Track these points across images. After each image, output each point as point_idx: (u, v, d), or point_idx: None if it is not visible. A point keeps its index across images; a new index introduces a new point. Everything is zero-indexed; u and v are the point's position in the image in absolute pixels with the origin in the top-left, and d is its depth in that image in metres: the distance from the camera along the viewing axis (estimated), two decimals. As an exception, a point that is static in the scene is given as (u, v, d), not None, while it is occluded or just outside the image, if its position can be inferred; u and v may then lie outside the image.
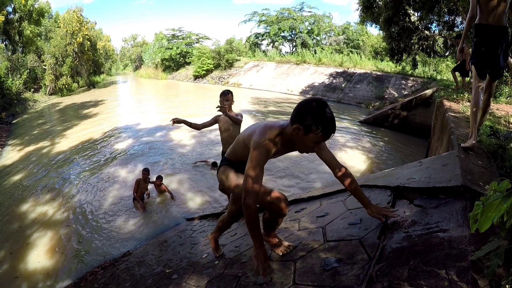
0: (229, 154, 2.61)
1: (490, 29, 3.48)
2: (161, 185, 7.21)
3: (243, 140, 2.37)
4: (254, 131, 2.23)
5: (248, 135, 2.29)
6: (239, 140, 2.48)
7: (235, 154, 2.54)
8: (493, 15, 3.42)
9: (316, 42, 35.40)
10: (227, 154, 2.63)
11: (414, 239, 1.93)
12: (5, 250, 5.78)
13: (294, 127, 2.02)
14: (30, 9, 22.80)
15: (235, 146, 2.54)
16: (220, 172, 2.62)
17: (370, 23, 17.96)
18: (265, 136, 2.12)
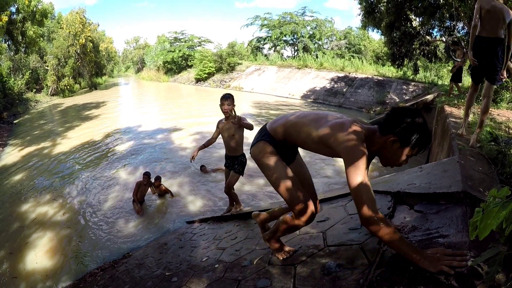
0: (274, 130, 2.29)
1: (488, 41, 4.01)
2: (160, 185, 7.22)
3: (309, 128, 2.08)
4: (334, 124, 1.96)
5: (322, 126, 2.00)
6: (298, 123, 2.17)
7: (287, 134, 2.23)
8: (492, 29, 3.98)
9: (317, 47, 35.47)
10: (270, 128, 2.32)
11: (414, 245, 1.94)
12: (5, 250, 5.79)
13: (391, 139, 1.85)
14: (33, 9, 22.91)
15: (288, 126, 2.21)
16: (259, 152, 2.30)
17: (372, 28, 18.00)
18: (359, 137, 1.86)
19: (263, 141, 2.30)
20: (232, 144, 4.79)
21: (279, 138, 2.27)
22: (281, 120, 2.30)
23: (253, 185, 7.65)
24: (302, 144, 2.21)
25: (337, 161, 9.26)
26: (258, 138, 2.36)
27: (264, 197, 7.13)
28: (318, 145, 2.07)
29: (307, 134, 2.10)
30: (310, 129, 2.08)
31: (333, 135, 1.91)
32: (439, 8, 14.10)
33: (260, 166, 2.32)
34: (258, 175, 8.19)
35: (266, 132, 2.33)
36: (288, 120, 2.25)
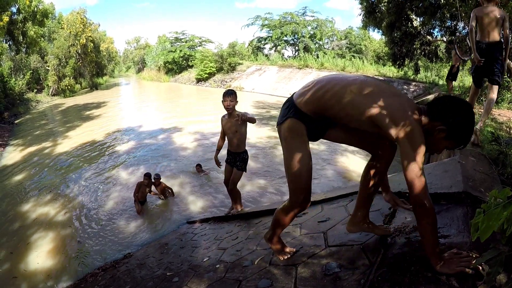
0: (305, 103, 2.00)
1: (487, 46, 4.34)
2: (160, 184, 7.21)
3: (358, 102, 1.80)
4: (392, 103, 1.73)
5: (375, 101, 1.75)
6: (339, 94, 1.86)
7: (324, 107, 1.94)
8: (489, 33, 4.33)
9: (318, 47, 35.46)
10: (299, 102, 2.02)
11: (415, 245, 1.94)
12: (6, 250, 5.79)
13: (439, 127, 1.71)
14: (34, 10, 22.95)
15: (327, 98, 1.90)
16: (288, 131, 2.07)
17: (373, 28, 18.03)
18: (418, 121, 1.70)
19: (293, 118, 2.04)
20: (235, 140, 4.80)
21: (312, 113, 2.00)
22: (313, 91, 1.97)
23: (254, 185, 7.65)
24: (342, 118, 1.92)
25: (338, 162, 9.27)
26: (285, 114, 2.08)
27: (265, 197, 7.13)
28: (365, 123, 1.82)
29: (354, 109, 1.82)
30: (360, 104, 1.79)
31: (391, 116, 1.69)
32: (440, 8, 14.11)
33: (284, 146, 2.12)
34: (259, 175, 8.20)
35: (295, 107, 2.04)
36: (325, 91, 1.92)
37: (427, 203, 1.61)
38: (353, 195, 3.36)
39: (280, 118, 2.13)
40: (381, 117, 1.71)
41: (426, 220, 1.63)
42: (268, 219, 4.06)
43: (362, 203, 2.21)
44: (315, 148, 10.40)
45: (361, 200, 2.21)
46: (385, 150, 2.05)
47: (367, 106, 1.75)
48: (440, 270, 1.58)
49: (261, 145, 10.57)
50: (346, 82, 1.87)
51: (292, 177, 2.09)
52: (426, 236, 1.66)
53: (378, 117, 1.72)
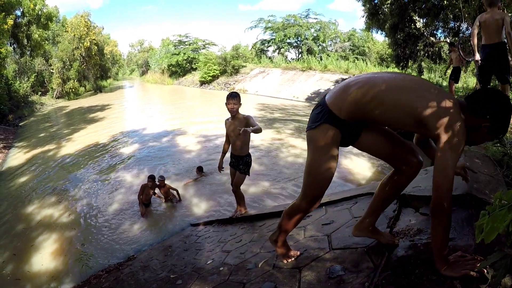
0: (341, 108, 1.86)
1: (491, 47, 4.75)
2: (164, 186, 7.20)
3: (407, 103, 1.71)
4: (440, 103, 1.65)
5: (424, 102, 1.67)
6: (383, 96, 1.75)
7: (363, 110, 1.82)
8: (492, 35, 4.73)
9: (321, 49, 35.43)
10: (333, 105, 1.88)
11: (419, 248, 1.93)
12: (9, 251, 5.82)
13: (484, 124, 1.66)
14: (38, 13, 23.10)
15: (367, 101, 1.79)
16: (320, 137, 1.95)
17: (376, 29, 18.02)
18: (462, 121, 1.63)
19: (326, 124, 1.90)
20: (238, 143, 4.80)
21: (348, 117, 1.87)
22: (351, 93, 1.84)
23: (258, 188, 7.64)
24: (383, 121, 1.85)
25: (342, 164, 9.24)
26: (318, 119, 1.94)
27: (269, 200, 7.12)
28: (410, 123, 1.75)
29: (398, 110, 1.74)
30: (404, 104, 1.72)
31: (437, 115, 1.63)
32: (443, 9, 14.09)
33: (312, 150, 2.02)
34: (263, 177, 8.19)
35: (329, 112, 1.89)
36: (364, 93, 1.80)
37: (446, 205, 1.59)
38: (357, 198, 3.35)
39: (311, 123, 2.00)
40: (428, 115, 1.65)
41: (440, 222, 1.62)
42: (272, 221, 4.05)
43: (373, 211, 2.18)
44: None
45: (373, 208, 2.18)
46: (410, 167, 2.00)
47: (413, 106, 1.69)
48: (445, 273, 1.57)
49: (265, 148, 10.57)
50: (386, 83, 1.79)
51: (311, 182, 2.09)
52: (437, 237, 1.64)
53: (424, 116, 1.66)
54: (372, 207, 2.18)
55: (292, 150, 10.56)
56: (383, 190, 2.12)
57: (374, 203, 2.17)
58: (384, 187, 2.12)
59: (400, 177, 2.05)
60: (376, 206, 2.17)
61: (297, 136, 12.52)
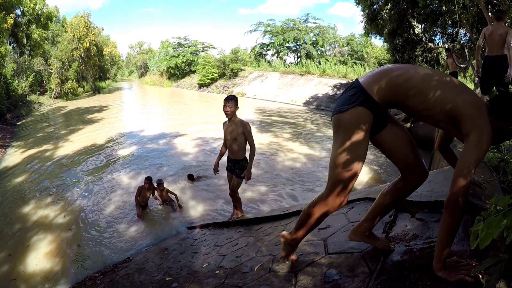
0: (378, 89, 1.80)
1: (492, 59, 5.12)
2: (163, 190, 7.16)
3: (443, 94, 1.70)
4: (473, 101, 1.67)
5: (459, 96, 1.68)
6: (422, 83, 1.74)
7: (401, 96, 1.78)
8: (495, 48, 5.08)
9: (320, 53, 35.55)
10: (370, 87, 1.80)
11: (415, 253, 1.94)
12: (5, 252, 5.79)
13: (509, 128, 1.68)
14: (38, 13, 23.10)
15: (408, 86, 1.75)
16: (353, 121, 1.81)
17: (375, 35, 18.10)
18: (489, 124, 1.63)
19: (361, 107, 1.80)
20: (235, 147, 4.81)
21: (384, 101, 1.82)
22: (391, 77, 1.80)
23: (254, 191, 7.64)
24: (418, 111, 1.80)
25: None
26: (351, 101, 1.82)
27: (265, 204, 7.12)
28: (442, 118, 1.74)
29: (436, 101, 1.71)
30: (443, 98, 1.70)
31: (471, 113, 1.63)
32: (441, 15, 14.19)
33: (341, 136, 1.87)
34: (260, 181, 8.19)
35: (365, 94, 1.80)
36: (406, 79, 1.77)
37: (461, 202, 1.57)
38: (354, 203, 3.35)
39: (341, 106, 1.86)
40: (463, 113, 1.65)
41: (449, 220, 1.59)
42: (268, 225, 4.05)
43: (372, 216, 2.15)
44: (315, 155, 10.41)
45: (373, 214, 2.15)
46: (415, 176, 2.00)
47: (451, 101, 1.68)
48: (441, 275, 1.57)
49: (262, 152, 10.57)
50: (428, 74, 1.78)
51: (339, 172, 1.88)
52: (442, 235, 1.62)
53: (460, 113, 1.66)
54: (371, 213, 2.15)
55: (290, 154, 10.57)
56: (385, 196, 2.10)
57: (375, 209, 2.14)
58: (386, 194, 2.10)
59: (405, 185, 2.04)
60: (375, 212, 2.14)
61: (295, 140, 12.55)
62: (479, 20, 12.52)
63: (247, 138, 4.74)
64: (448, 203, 1.58)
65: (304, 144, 11.86)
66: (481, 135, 1.58)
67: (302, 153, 10.65)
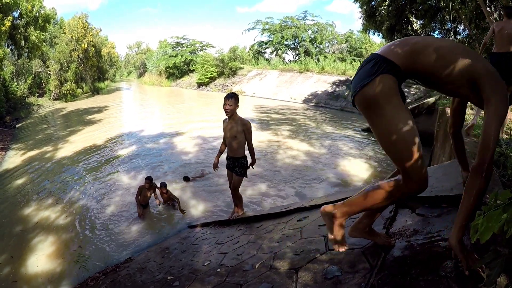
0: (403, 57, 1.73)
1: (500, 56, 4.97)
2: (166, 192, 7.11)
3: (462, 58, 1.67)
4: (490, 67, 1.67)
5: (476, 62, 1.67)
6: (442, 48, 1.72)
7: (421, 62, 1.73)
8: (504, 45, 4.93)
9: (319, 51, 35.49)
10: (392, 55, 1.73)
11: (416, 248, 1.94)
12: (6, 254, 5.79)
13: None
14: (36, 14, 23.01)
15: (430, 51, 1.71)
16: (382, 91, 1.68)
17: (373, 31, 18.04)
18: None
19: (387, 74, 1.69)
20: (234, 145, 4.81)
21: (405, 68, 1.74)
22: (411, 44, 1.76)
23: (255, 189, 7.65)
24: (438, 77, 1.74)
25: (339, 165, 9.27)
26: (374, 72, 1.71)
27: (266, 201, 7.13)
28: (462, 84, 1.70)
29: (457, 66, 1.67)
30: (464, 64, 1.67)
31: (490, 79, 1.64)
32: (439, 10, 14.16)
33: (378, 113, 1.72)
34: (261, 179, 8.19)
35: (387, 61, 1.72)
36: (425, 45, 1.74)
37: (488, 168, 1.56)
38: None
39: (363, 79, 1.73)
40: (483, 77, 1.64)
41: (478, 184, 1.56)
42: (269, 223, 4.06)
43: (371, 212, 2.09)
44: (315, 152, 10.41)
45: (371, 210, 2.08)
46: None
47: (471, 65, 1.66)
48: (454, 245, 1.58)
49: (262, 149, 10.58)
50: (447, 42, 1.80)
51: (401, 149, 1.70)
52: (468, 199, 1.58)
53: (480, 76, 1.64)
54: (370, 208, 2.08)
55: (289, 151, 10.57)
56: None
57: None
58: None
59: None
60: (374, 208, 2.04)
61: (294, 137, 12.55)
62: (477, 15, 12.49)
63: (246, 137, 4.74)
64: (475, 172, 1.57)
65: (304, 141, 11.86)
66: (501, 101, 1.59)
67: (302, 150, 10.65)
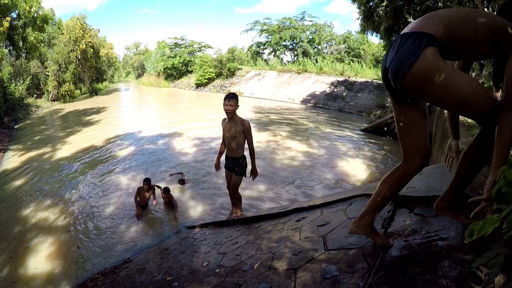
0: (436, 28, 1.69)
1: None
2: (169, 198, 7.07)
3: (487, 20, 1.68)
4: None
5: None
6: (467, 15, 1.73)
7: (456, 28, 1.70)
8: None
9: (317, 51, 35.52)
10: (430, 29, 1.69)
11: (414, 248, 1.95)
12: (5, 254, 5.78)
13: None
14: (34, 15, 22.96)
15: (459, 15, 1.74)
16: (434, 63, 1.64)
17: (371, 32, 18.05)
18: None
19: (431, 46, 1.66)
20: (233, 145, 4.82)
21: (441, 36, 1.69)
22: (441, 15, 1.75)
23: (253, 190, 7.65)
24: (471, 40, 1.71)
25: (337, 166, 9.28)
26: (416, 47, 1.67)
27: (264, 202, 7.14)
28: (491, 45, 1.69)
29: (485, 26, 1.66)
30: (490, 21, 1.68)
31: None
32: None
33: (433, 85, 1.67)
34: (259, 179, 8.19)
35: (425, 34, 1.69)
36: (455, 12, 1.79)
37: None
38: (352, 199, 3.37)
39: (408, 58, 1.69)
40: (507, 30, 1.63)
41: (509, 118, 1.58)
42: (268, 223, 4.06)
43: (372, 208, 2.11)
44: (314, 153, 10.43)
45: (373, 205, 2.12)
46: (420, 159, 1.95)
47: (494, 20, 1.67)
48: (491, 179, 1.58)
49: (261, 150, 10.59)
50: (469, 9, 1.82)
51: (479, 101, 1.68)
52: (504, 143, 1.59)
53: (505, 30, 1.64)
54: (372, 204, 2.12)
55: (288, 152, 10.59)
56: (384, 185, 2.06)
57: (374, 199, 2.11)
58: (386, 182, 2.06)
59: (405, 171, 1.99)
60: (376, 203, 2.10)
61: (293, 138, 12.57)
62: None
63: (246, 137, 4.75)
64: (507, 105, 1.60)
65: (302, 142, 11.88)
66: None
67: (300, 150, 10.66)
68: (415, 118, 1.92)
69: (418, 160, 1.94)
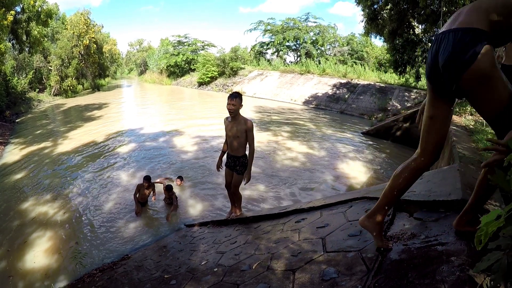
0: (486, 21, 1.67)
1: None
2: (172, 194, 7.09)
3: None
4: None
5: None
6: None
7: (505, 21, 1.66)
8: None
9: (320, 53, 35.52)
10: (482, 24, 1.66)
11: (413, 252, 1.94)
12: (3, 247, 5.78)
13: None
14: (38, 10, 22.99)
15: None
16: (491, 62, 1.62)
17: (375, 34, 18.06)
18: None
19: (487, 45, 1.63)
20: (235, 143, 4.82)
21: (492, 32, 1.67)
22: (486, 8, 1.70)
23: (253, 190, 7.65)
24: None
25: (338, 168, 9.28)
26: (472, 43, 1.65)
27: (264, 202, 7.14)
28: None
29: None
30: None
31: None
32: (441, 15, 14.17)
33: (487, 84, 1.65)
34: (259, 179, 8.20)
35: (478, 30, 1.66)
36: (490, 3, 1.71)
37: None
38: (352, 202, 3.37)
39: (466, 52, 1.66)
40: None
41: None
42: (267, 224, 4.06)
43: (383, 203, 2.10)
44: (314, 154, 10.42)
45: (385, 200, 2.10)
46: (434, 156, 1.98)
47: None
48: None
49: (262, 150, 10.59)
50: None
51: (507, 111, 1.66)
52: None
53: None
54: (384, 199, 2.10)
55: (289, 153, 10.58)
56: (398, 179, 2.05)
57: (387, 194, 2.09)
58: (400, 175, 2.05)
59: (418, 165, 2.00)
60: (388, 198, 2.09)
61: (294, 139, 12.56)
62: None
63: (248, 137, 4.74)
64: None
65: (303, 143, 11.88)
66: None
67: (301, 152, 10.66)
68: (446, 117, 1.96)
69: (436, 156, 1.99)
